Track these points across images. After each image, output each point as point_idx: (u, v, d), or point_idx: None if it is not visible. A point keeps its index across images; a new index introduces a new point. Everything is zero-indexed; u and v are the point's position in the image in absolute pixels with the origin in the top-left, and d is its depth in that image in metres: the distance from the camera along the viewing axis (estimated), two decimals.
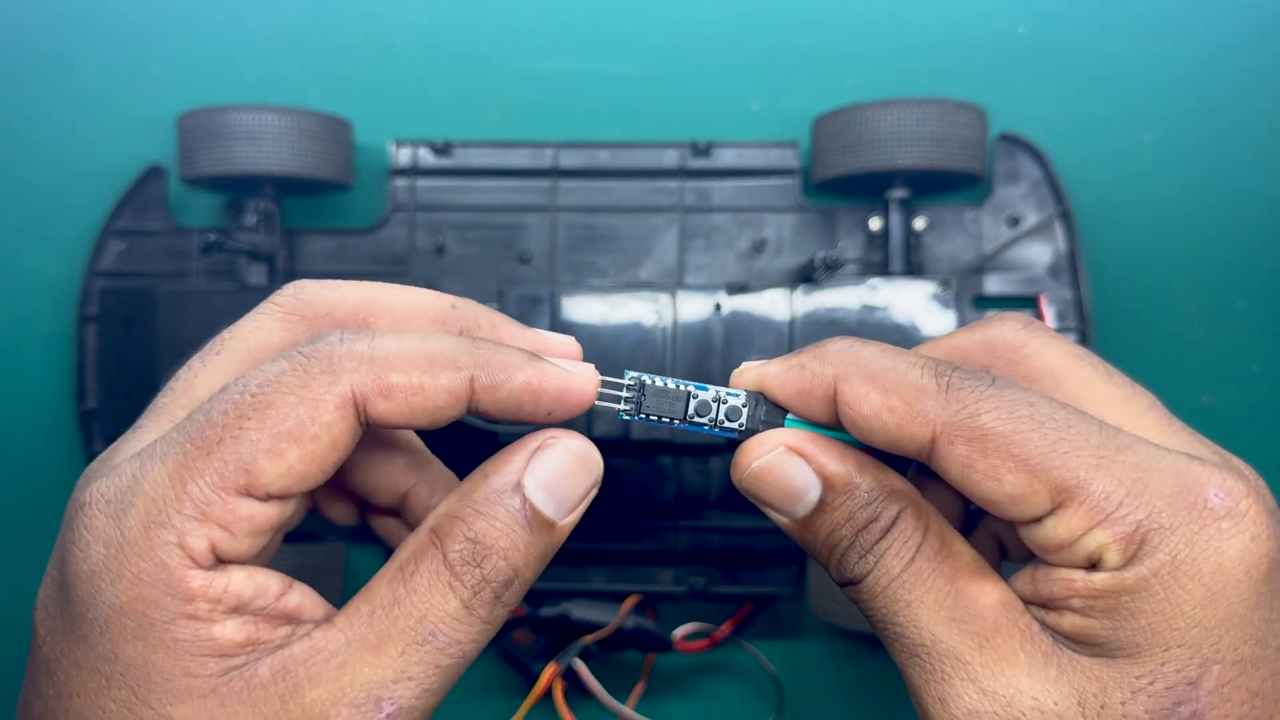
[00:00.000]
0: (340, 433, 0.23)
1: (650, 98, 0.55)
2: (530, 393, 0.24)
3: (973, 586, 0.24)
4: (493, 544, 0.24)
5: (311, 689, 0.22)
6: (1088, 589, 0.22)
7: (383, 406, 0.23)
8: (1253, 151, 0.54)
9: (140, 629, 0.22)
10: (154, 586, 0.22)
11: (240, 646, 0.22)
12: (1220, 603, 0.21)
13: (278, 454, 0.22)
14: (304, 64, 0.56)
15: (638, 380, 0.26)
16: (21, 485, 0.55)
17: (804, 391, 0.25)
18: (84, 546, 0.22)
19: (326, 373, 0.23)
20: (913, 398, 0.23)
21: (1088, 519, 0.22)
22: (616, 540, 0.52)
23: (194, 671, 0.22)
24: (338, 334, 0.24)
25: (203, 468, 0.22)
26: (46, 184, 0.55)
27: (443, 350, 0.24)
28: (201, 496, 0.22)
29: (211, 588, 0.22)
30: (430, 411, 0.23)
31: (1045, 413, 0.22)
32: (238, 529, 0.22)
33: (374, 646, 0.23)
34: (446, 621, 0.23)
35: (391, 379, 0.23)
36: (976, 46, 0.54)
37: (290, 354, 0.23)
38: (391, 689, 0.23)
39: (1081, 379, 0.25)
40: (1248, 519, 0.21)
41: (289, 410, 0.22)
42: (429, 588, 0.23)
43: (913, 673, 0.24)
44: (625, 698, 0.51)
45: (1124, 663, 0.22)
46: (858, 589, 0.25)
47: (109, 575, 0.22)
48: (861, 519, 0.24)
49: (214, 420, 0.22)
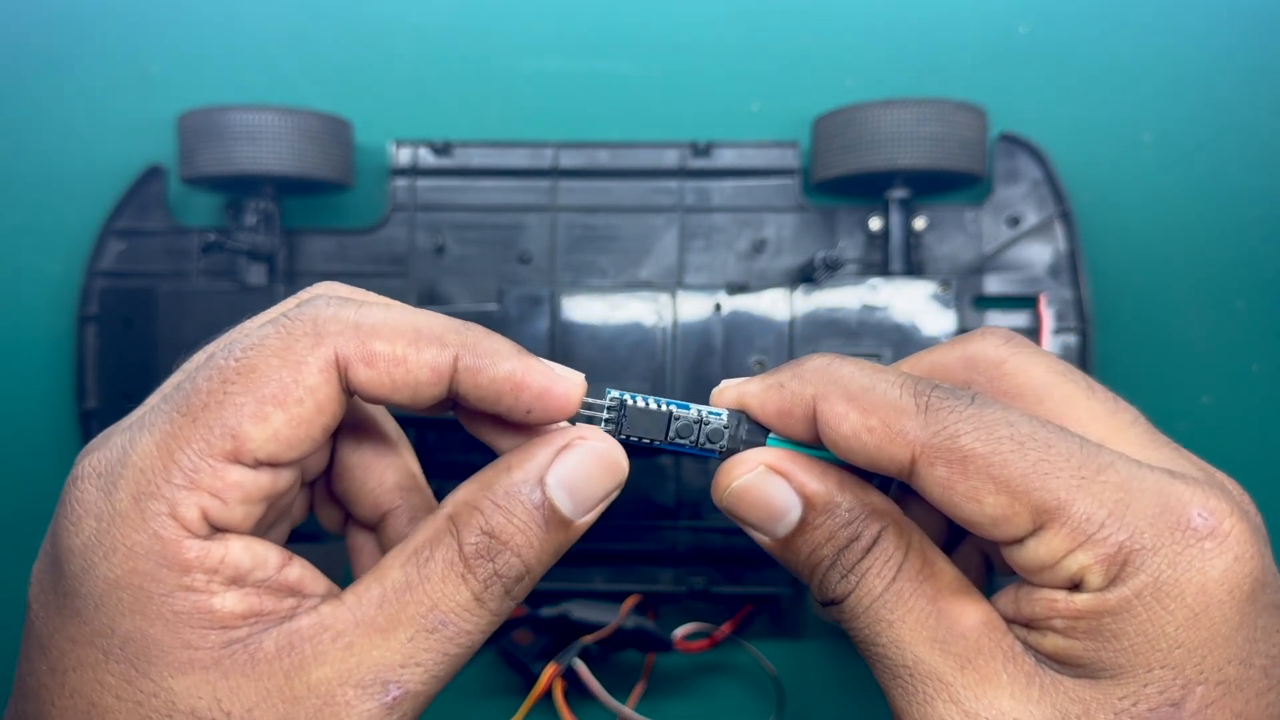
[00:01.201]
0: (325, 397, 0.23)
1: (650, 98, 0.55)
2: (512, 384, 0.24)
3: (955, 606, 0.23)
4: (508, 540, 0.24)
5: (318, 667, 0.22)
6: (1070, 610, 0.22)
7: (364, 374, 0.23)
8: (1253, 151, 0.54)
9: (137, 602, 0.22)
10: (148, 558, 0.21)
11: (241, 618, 0.22)
12: (1203, 623, 0.21)
13: (263, 418, 0.22)
14: (304, 64, 0.56)
15: (619, 399, 0.26)
16: (21, 485, 0.55)
17: (783, 411, 0.25)
18: (75, 520, 0.22)
19: (310, 335, 0.23)
20: (892, 418, 0.23)
21: (1069, 540, 0.21)
22: (616, 540, 0.52)
23: (194, 644, 0.22)
24: (325, 299, 0.23)
25: (189, 435, 0.22)
26: (46, 184, 0.55)
27: (430, 325, 0.23)
28: (189, 464, 0.22)
29: (208, 558, 0.22)
30: (412, 386, 0.23)
31: (1025, 432, 0.22)
32: (229, 496, 0.22)
33: (383, 630, 0.23)
34: (457, 611, 0.23)
35: (375, 346, 0.23)
36: (976, 46, 0.54)
37: (275, 318, 0.23)
38: (399, 673, 0.23)
39: (1064, 395, 0.25)
40: (1231, 539, 0.21)
41: (272, 374, 0.22)
42: (442, 577, 0.23)
43: (895, 694, 0.24)
44: (625, 698, 0.51)
45: (1107, 684, 0.22)
46: (840, 609, 0.24)
47: (102, 549, 0.22)
48: (843, 538, 0.24)
49: (199, 387, 0.22)
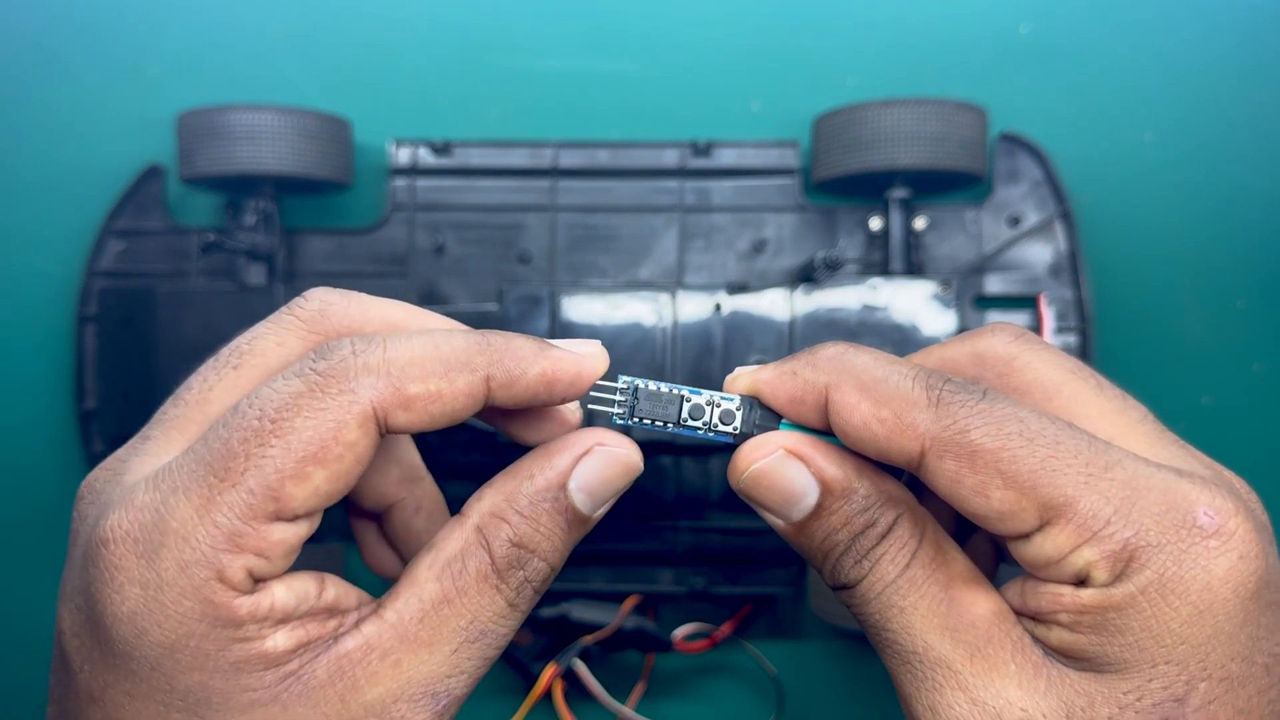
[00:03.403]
0: (363, 449, 0.23)
1: (650, 98, 0.55)
2: (545, 383, 0.24)
3: (966, 595, 0.24)
4: (536, 547, 0.24)
5: (370, 687, 0.23)
6: (1075, 605, 0.22)
7: (403, 418, 0.23)
8: (1253, 151, 0.54)
9: (195, 660, 0.22)
10: (202, 622, 0.22)
11: (292, 653, 0.23)
12: (1207, 620, 0.21)
13: (304, 478, 0.22)
14: (304, 64, 0.55)
15: (631, 385, 0.26)
16: (21, 485, 0.55)
17: (796, 399, 0.25)
18: (118, 589, 0.22)
19: (345, 392, 0.22)
20: (903, 410, 0.23)
21: (1075, 536, 0.22)
22: (616, 540, 0.52)
23: (253, 686, 0.22)
24: (348, 344, 0.23)
25: (231, 500, 0.22)
26: (46, 184, 0.55)
27: (456, 353, 0.24)
28: (232, 529, 0.22)
29: (258, 609, 0.22)
30: (450, 415, 0.24)
31: (1034, 428, 0.22)
32: (273, 554, 0.23)
33: (428, 644, 0.23)
34: (495, 620, 0.24)
35: (410, 390, 0.23)
36: (976, 46, 0.54)
37: (303, 371, 0.23)
38: (446, 683, 0.24)
39: (1072, 392, 0.25)
40: (1236, 537, 0.21)
41: (311, 433, 0.22)
42: (478, 590, 0.24)
43: (904, 679, 0.24)
44: (625, 698, 0.51)
45: (1111, 678, 0.22)
46: (851, 593, 0.25)
47: (152, 617, 0.22)
48: (858, 524, 0.24)
49: (234, 449, 0.22)
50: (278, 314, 0.26)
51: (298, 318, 0.25)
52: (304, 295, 0.26)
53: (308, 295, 0.26)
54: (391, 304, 0.26)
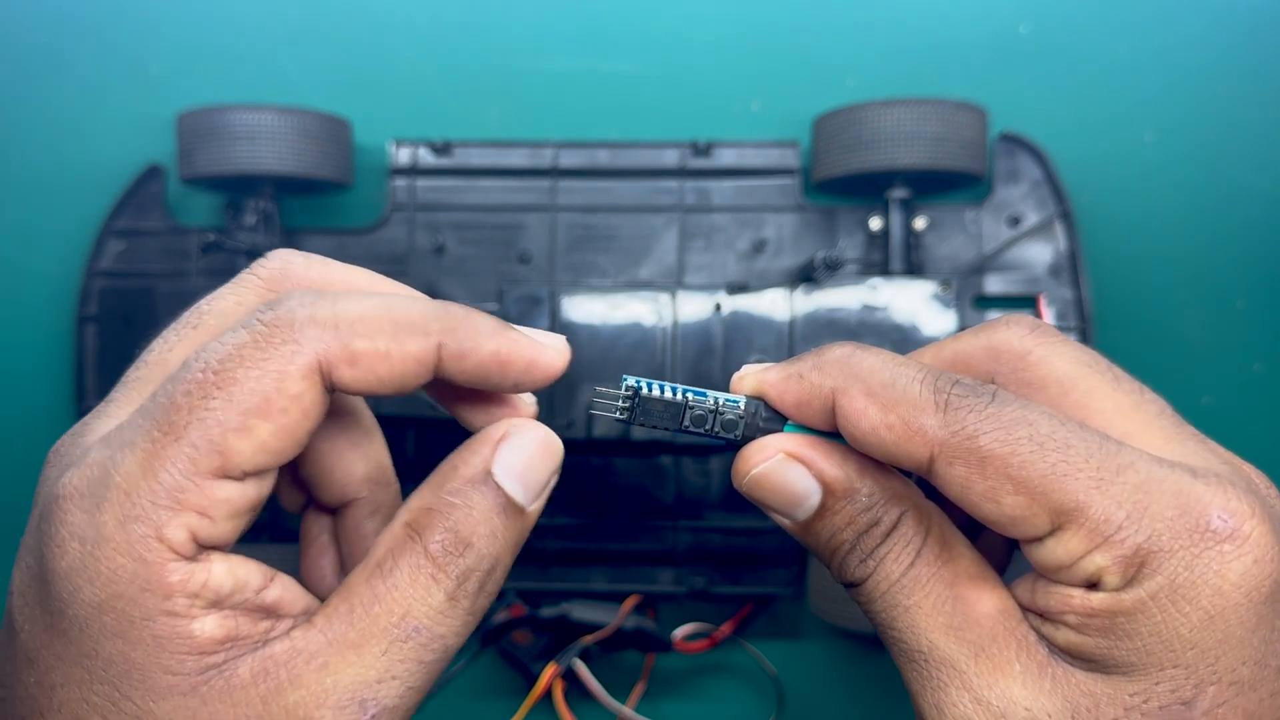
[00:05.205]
0: (309, 402, 0.22)
1: (650, 98, 0.55)
2: (499, 363, 0.24)
3: (971, 592, 0.23)
4: (472, 532, 0.23)
5: (294, 690, 0.22)
6: (1085, 607, 0.22)
7: (348, 374, 0.22)
8: (1253, 151, 0.54)
9: (120, 626, 0.21)
10: (132, 583, 0.21)
11: (219, 643, 0.22)
12: (1218, 625, 0.21)
13: (248, 431, 0.22)
14: (304, 64, 0.55)
15: (634, 387, 0.26)
16: (21, 485, 0.55)
17: (802, 402, 0.24)
18: (60, 543, 0.22)
19: (289, 342, 0.22)
20: (911, 415, 0.23)
21: (1087, 541, 0.21)
22: (616, 540, 0.52)
23: (173, 669, 0.22)
24: (298, 296, 0.23)
25: (173, 454, 0.21)
26: (46, 184, 0.55)
27: (409, 315, 0.23)
28: (175, 484, 0.21)
29: (191, 582, 0.22)
30: (397, 379, 0.23)
31: (1044, 432, 0.22)
32: (216, 513, 0.22)
33: (356, 645, 0.22)
34: (430, 616, 0.23)
35: (357, 345, 0.22)
36: (976, 46, 0.54)
37: (250, 322, 0.22)
38: (375, 689, 0.22)
39: (1088, 386, 0.24)
40: (1250, 541, 0.21)
41: (254, 385, 0.22)
42: (410, 582, 0.23)
43: (910, 677, 0.24)
44: (625, 698, 0.51)
45: (1118, 679, 0.22)
46: (858, 591, 0.25)
47: (86, 573, 0.21)
48: (862, 523, 0.24)
49: (178, 402, 0.22)
50: (240, 274, 0.25)
51: (258, 276, 0.25)
52: (266, 255, 0.26)
53: (270, 255, 0.26)
54: (356, 270, 0.26)
